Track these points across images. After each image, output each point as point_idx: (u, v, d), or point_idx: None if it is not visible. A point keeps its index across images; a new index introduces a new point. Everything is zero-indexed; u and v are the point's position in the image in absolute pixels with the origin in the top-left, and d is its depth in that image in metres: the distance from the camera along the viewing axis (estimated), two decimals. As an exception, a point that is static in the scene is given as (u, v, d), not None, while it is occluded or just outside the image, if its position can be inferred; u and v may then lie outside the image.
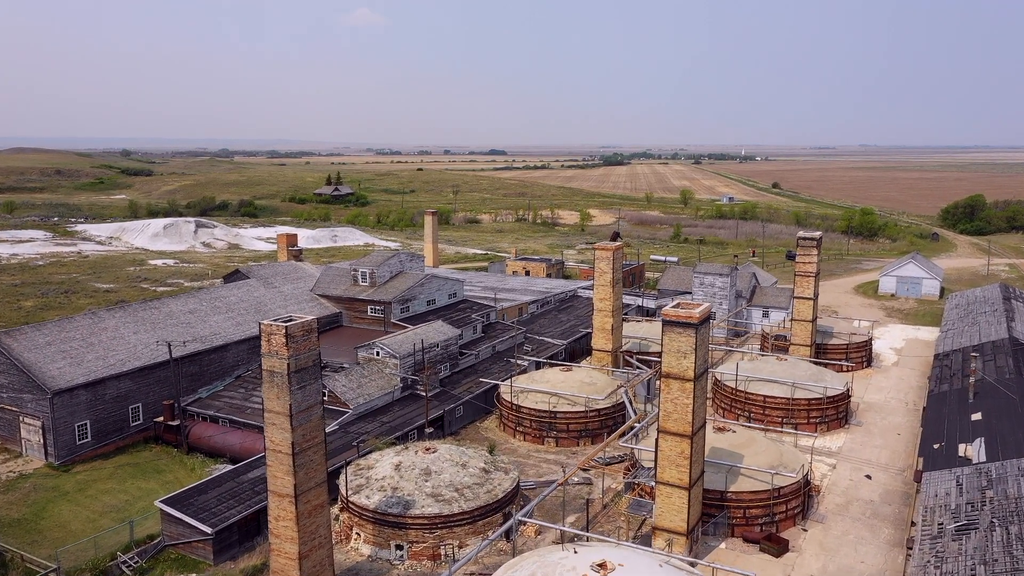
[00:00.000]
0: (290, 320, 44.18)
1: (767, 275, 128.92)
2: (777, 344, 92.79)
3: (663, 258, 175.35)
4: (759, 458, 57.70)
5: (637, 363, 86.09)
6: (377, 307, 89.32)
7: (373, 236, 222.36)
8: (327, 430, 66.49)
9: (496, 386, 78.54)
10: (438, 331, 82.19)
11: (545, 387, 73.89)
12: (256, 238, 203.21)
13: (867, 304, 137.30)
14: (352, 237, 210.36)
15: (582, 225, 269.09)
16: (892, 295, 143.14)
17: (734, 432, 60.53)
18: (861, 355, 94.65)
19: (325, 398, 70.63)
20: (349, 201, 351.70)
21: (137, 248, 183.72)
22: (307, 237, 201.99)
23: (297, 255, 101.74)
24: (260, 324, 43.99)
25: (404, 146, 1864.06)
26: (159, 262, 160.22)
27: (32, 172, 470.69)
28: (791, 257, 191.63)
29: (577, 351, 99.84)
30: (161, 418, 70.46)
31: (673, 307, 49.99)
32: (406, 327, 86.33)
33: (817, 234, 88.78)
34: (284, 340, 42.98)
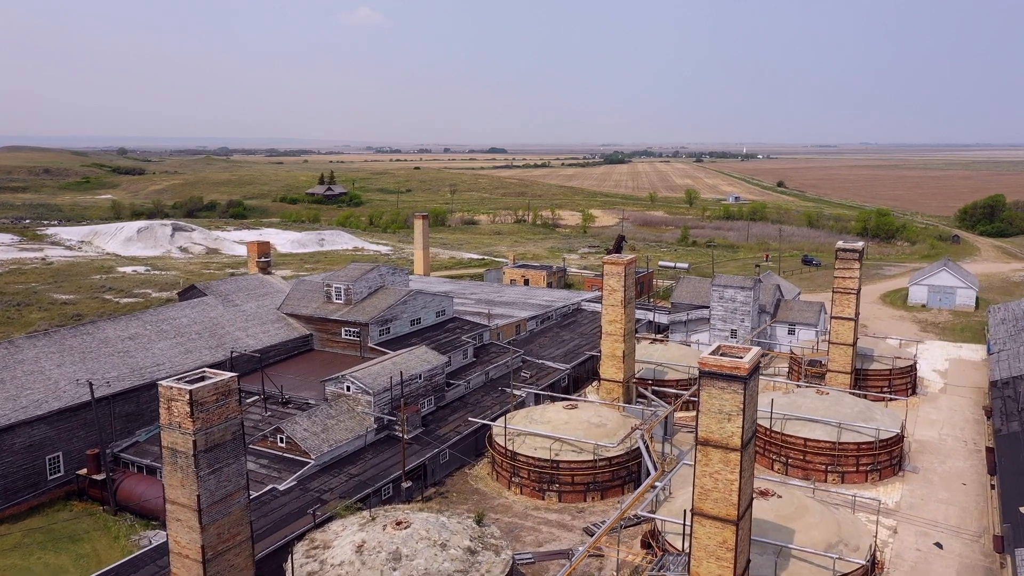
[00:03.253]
0: (202, 379, 32.58)
1: (789, 284, 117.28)
2: (811, 371, 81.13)
3: (672, 264, 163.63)
4: (814, 533, 46.14)
5: (652, 394, 74.49)
6: (352, 329, 77.67)
7: (363, 239, 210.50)
8: (282, 487, 55.09)
9: (487, 426, 66.98)
10: (421, 359, 70.55)
11: (546, 429, 62.29)
12: (238, 242, 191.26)
13: (897, 316, 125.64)
14: (340, 241, 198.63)
15: (584, 227, 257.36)
16: (923, 306, 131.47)
17: (779, 497, 48.95)
18: (905, 382, 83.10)
19: (283, 444, 59.10)
20: (342, 201, 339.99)
21: (108, 254, 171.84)
22: (292, 241, 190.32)
23: (265, 267, 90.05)
24: (159, 386, 32.31)
25: (404, 145, 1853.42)
26: (128, 269, 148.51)
27: (20, 171, 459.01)
28: (808, 262, 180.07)
29: (582, 376, 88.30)
30: (85, 470, 58.83)
31: (714, 353, 38.36)
32: (385, 352, 74.77)
33: (859, 245, 77.14)
34: (188, 409, 31.33)
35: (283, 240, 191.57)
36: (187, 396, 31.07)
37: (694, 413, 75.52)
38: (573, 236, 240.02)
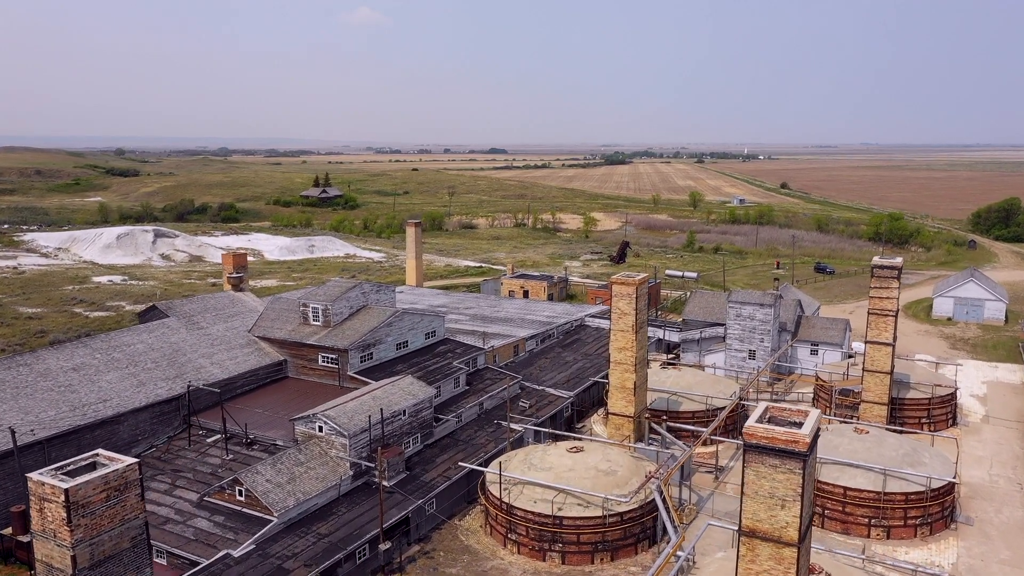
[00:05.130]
0: (92, 467, 24.36)
1: (808, 298, 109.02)
2: (843, 401, 72.89)
3: (680, 274, 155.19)
4: (873, 624, 37.91)
5: (665, 431, 66.28)
6: (330, 356, 69.44)
7: (355, 245, 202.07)
8: (238, 552, 46.83)
9: (480, 469, 58.78)
10: (406, 391, 62.34)
11: (547, 477, 54.08)
12: (223, 248, 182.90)
13: (922, 331, 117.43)
14: (331, 247, 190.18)
15: (586, 231, 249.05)
16: (949, 319, 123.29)
17: None
18: (945, 412, 74.93)
19: (242, 498, 50.89)
20: (337, 204, 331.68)
21: (85, 261, 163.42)
22: (281, 248, 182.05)
23: (238, 283, 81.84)
24: (28, 480, 24.07)
25: (404, 145, 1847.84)
26: (104, 279, 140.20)
27: (11, 172, 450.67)
28: (821, 270, 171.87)
29: (587, 402, 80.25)
30: (9, 529, 50.64)
31: (761, 420, 30.16)
32: (366, 382, 66.65)
33: (898, 261, 68.89)
34: (65, 513, 23.09)
35: (271, 246, 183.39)
36: (62, 496, 22.95)
37: (713, 449, 67.63)
38: (575, 241, 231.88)
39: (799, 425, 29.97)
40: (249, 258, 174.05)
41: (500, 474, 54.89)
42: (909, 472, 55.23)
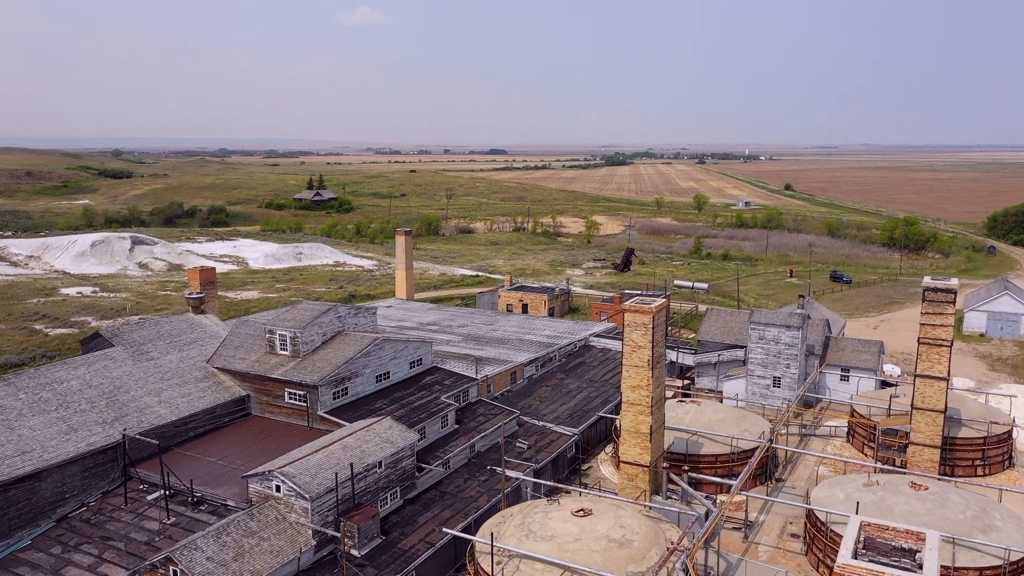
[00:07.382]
0: None
1: (833, 315, 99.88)
2: (888, 441, 63.69)
3: (690, 284, 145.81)
4: None
5: (686, 483, 57.11)
6: (297, 392, 60.29)
7: (346, 252, 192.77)
8: (165, 656, 37.53)
9: (467, 537, 49.63)
10: (383, 438, 53.23)
11: (549, 550, 44.87)
12: (207, 256, 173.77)
13: (956, 349, 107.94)
14: (320, 254, 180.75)
15: (588, 236, 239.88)
16: (982, 335, 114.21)
17: None
18: (1001, 452, 65.80)
19: (178, 580, 41.72)
20: (331, 207, 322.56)
21: (56, 271, 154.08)
22: (267, 255, 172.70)
23: (198, 304, 72.63)
24: None
25: (404, 146, 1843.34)
26: (73, 291, 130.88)
27: (1, 174, 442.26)
28: (837, 278, 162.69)
29: (593, 437, 71.25)
30: None
31: (857, 551, 21.01)
32: (340, 423, 57.60)
33: (954, 283, 59.76)
34: None
35: (257, 254, 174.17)
36: None
37: (742, 499, 58.66)
38: (576, 246, 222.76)
39: (913, 556, 20.84)
40: (232, 267, 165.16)
41: (492, 546, 45.70)
42: (981, 542, 46.07)
